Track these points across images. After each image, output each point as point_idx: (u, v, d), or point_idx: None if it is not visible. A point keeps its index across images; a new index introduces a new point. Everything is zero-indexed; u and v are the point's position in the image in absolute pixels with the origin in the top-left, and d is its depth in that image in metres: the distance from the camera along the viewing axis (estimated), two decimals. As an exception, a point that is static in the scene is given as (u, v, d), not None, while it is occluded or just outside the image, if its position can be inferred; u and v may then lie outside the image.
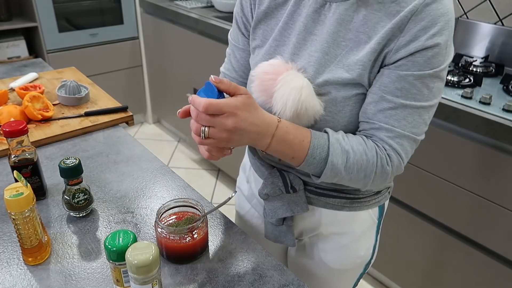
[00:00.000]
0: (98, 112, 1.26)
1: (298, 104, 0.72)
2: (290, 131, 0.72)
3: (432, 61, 0.68)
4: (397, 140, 0.73)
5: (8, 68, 1.65)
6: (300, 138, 0.72)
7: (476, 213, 1.40)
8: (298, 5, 0.78)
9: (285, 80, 0.74)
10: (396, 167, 0.75)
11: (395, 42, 0.69)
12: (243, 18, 0.87)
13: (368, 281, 1.94)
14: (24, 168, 0.87)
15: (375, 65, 0.72)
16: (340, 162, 0.72)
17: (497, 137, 1.25)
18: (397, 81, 0.70)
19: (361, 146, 0.73)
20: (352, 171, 0.73)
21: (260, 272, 0.75)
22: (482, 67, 1.60)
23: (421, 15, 0.66)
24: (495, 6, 1.67)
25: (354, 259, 0.95)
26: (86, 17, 2.72)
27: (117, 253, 0.62)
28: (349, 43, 0.73)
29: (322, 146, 0.72)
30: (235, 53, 0.92)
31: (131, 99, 3.10)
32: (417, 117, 0.72)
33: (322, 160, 0.72)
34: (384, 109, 0.72)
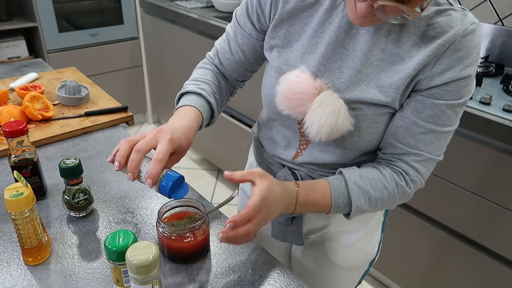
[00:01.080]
0: (98, 112, 1.26)
1: (334, 128, 0.73)
2: (309, 192, 0.75)
3: (464, 91, 0.71)
4: (424, 164, 0.76)
5: (8, 68, 1.65)
6: (320, 194, 0.76)
7: (476, 213, 1.40)
8: (330, 13, 0.75)
9: (322, 101, 0.73)
10: (418, 187, 0.79)
11: (429, 69, 0.69)
12: (258, 9, 0.83)
13: (368, 281, 1.94)
14: (24, 168, 0.87)
15: (407, 89, 0.73)
16: (364, 203, 0.76)
17: (497, 137, 1.25)
18: (431, 109, 0.72)
19: (380, 182, 0.76)
20: (376, 206, 0.78)
21: (261, 272, 0.75)
22: (482, 67, 1.60)
23: (458, 46, 0.68)
24: (495, 6, 1.67)
25: (361, 257, 0.96)
26: (86, 17, 2.72)
27: (117, 253, 0.62)
28: (382, 64, 0.72)
29: (342, 194, 0.76)
30: (236, 35, 0.89)
31: (131, 99, 3.10)
32: (443, 141, 0.76)
33: (347, 205, 0.77)
34: (415, 133, 0.74)
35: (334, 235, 0.93)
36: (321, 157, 0.84)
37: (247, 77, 0.97)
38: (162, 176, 0.69)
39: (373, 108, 0.74)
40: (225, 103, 0.97)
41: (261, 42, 0.87)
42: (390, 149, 0.78)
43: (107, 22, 2.80)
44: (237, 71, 0.93)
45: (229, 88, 0.97)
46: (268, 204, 0.68)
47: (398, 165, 0.77)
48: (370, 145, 0.79)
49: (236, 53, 0.90)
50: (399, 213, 1.62)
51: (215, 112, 0.88)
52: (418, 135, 0.74)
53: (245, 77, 0.97)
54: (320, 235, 0.95)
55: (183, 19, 2.41)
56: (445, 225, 1.50)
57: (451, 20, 0.68)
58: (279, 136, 0.89)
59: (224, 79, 0.96)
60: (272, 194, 0.69)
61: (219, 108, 0.92)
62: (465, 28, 0.67)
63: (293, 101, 0.76)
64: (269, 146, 0.93)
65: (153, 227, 0.85)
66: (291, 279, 0.74)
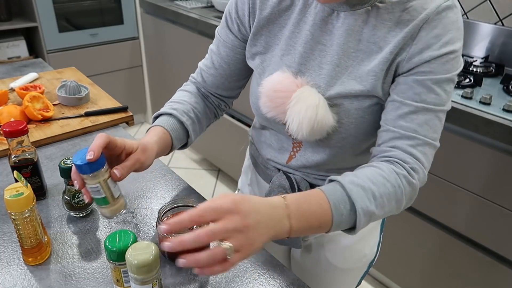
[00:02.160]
0: (98, 112, 1.26)
1: (315, 123, 0.72)
2: (302, 201, 0.63)
3: (448, 67, 0.68)
4: (420, 149, 0.69)
5: (8, 68, 1.65)
6: (316, 202, 0.64)
7: (476, 213, 1.40)
8: (304, 13, 0.76)
9: (300, 97, 0.73)
10: (421, 179, 0.71)
11: (407, 51, 0.69)
12: (237, 20, 0.84)
13: (368, 281, 1.94)
14: (24, 168, 0.87)
15: (387, 75, 0.71)
16: (369, 204, 0.65)
17: (497, 137, 1.25)
18: (415, 86, 0.69)
19: (379, 176, 0.67)
20: (383, 204, 0.66)
21: (261, 272, 0.75)
22: (482, 67, 1.60)
23: (433, 23, 0.67)
24: (495, 6, 1.67)
25: (360, 258, 0.96)
26: (86, 17, 2.72)
27: (117, 253, 0.62)
28: (360, 54, 0.72)
29: (342, 199, 0.65)
30: (219, 49, 0.89)
31: (131, 99, 3.10)
32: (437, 121, 0.70)
33: (350, 211, 0.64)
34: (405, 113, 0.70)
35: (332, 237, 0.93)
36: (313, 158, 0.83)
37: (233, 93, 0.96)
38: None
39: (356, 102, 0.73)
40: (205, 124, 0.95)
41: (244, 51, 0.87)
42: (383, 137, 0.72)
43: (107, 22, 2.80)
44: (222, 86, 0.92)
45: (212, 108, 0.95)
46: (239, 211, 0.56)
47: (393, 154, 0.70)
48: (358, 140, 0.78)
49: (220, 67, 0.90)
50: (400, 214, 1.61)
51: (190, 131, 0.87)
52: (408, 114, 0.69)
53: (231, 93, 0.95)
54: (318, 237, 0.95)
55: (183, 19, 2.41)
56: (445, 225, 1.50)
57: (425, 2, 0.67)
58: (272, 140, 0.89)
59: (205, 99, 0.94)
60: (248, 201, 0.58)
61: (197, 127, 0.90)
62: (438, 5, 0.66)
63: (275, 100, 0.76)
64: (264, 150, 0.93)
65: (153, 227, 0.85)
66: (292, 279, 0.74)
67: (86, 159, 0.65)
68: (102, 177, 0.68)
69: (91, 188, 0.68)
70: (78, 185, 0.69)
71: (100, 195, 0.69)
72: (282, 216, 0.60)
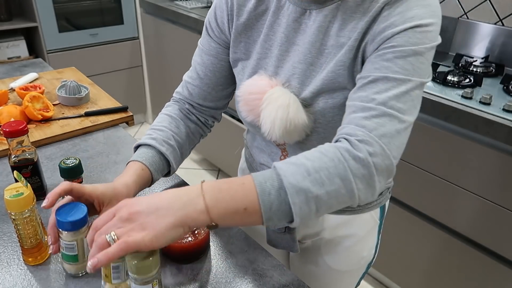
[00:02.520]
0: (98, 112, 1.26)
1: (287, 122, 0.70)
2: (220, 181, 0.58)
3: (414, 40, 0.62)
4: (376, 120, 0.60)
5: (8, 68, 1.65)
6: (238, 182, 0.58)
7: (476, 214, 1.40)
8: (277, 15, 0.76)
9: (271, 98, 0.72)
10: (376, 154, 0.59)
11: (370, 33, 0.66)
12: (217, 29, 0.84)
13: (368, 281, 1.94)
14: (24, 168, 0.87)
15: (356, 62, 0.69)
16: (300, 179, 0.56)
17: (497, 137, 1.25)
18: (376, 61, 0.63)
19: (315, 151, 0.60)
20: (322, 181, 0.57)
21: (261, 272, 0.75)
22: (482, 67, 1.60)
23: (395, 4, 0.64)
24: (495, 6, 1.67)
25: (358, 260, 0.95)
26: (86, 17, 2.72)
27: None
28: (333, 50, 0.71)
29: (269, 176, 0.57)
30: (203, 58, 0.88)
31: (131, 99, 3.10)
32: (403, 91, 0.61)
33: (280, 190, 0.56)
34: (363, 84, 0.63)
35: (329, 240, 0.92)
36: None
37: (221, 104, 0.93)
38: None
39: (330, 100, 0.72)
40: (189, 148, 0.92)
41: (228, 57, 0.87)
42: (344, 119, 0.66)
43: (107, 22, 2.80)
44: (209, 97, 0.90)
45: (196, 128, 0.92)
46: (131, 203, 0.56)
47: (342, 132, 0.63)
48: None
49: (205, 76, 0.88)
50: (400, 214, 1.62)
51: (171, 159, 0.84)
52: (367, 84, 0.63)
53: (219, 104, 0.93)
54: (315, 240, 0.94)
55: (183, 19, 2.41)
56: (445, 225, 1.50)
57: None
58: (263, 145, 0.89)
59: (188, 120, 0.91)
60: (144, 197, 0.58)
61: (177, 153, 0.86)
62: None
63: (250, 102, 0.75)
64: (257, 154, 0.92)
65: (153, 227, 0.85)
66: (292, 279, 0.74)
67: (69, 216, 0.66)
68: (80, 235, 0.68)
69: (66, 244, 0.68)
70: (52, 239, 0.68)
71: (72, 252, 0.69)
72: (194, 195, 0.57)
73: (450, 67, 1.63)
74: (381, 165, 0.59)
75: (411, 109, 0.62)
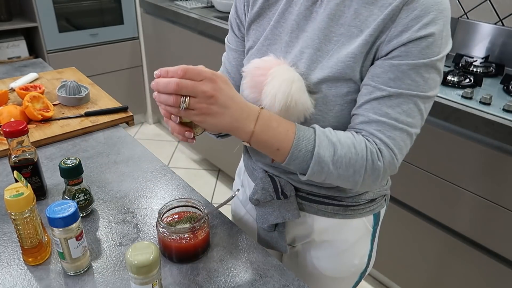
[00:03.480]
0: (98, 112, 1.26)
1: (288, 97, 0.70)
2: (273, 118, 0.68)
3: (427, 51, 0.66)
4: (389, 134, 0.69)
5: (8, 68, 1.65)
6: (285, 127, 0.68)
7: (476, 214, 1.40)
8: (290, 3, 0.78)
9: (276, 73, 0.72)
10: (388, 163, 0.70)
11: (387, 34, 0.67)
12: (237, 20, 0.87)
13: (368, 281, 1.94)
14: (24, 168, 0.87)
15: (367, 58, 0.70)
16: (328, 155, 0.67)
17: (497, 137, 1.25)
18: (390, 71, 0.67)
19: (349, 139, 0.69)
20: (340, 165, 0.68)
21: (260, 272, 0.75)
22: (482, 67, 1.60)
23: (413, 4, 0.65)
24: (495, 6, 1.67)
25: (348, 268, 0.93)
26: (86, 17, 2.72)
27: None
28: (341, 38, 0.72)
29: (308, 138, 0.68)
30: (229, 55, 0.92)
31: (131, 99, 3.10)
32: (413, 105, 0.68)
33: (309, 152, 0.68)
34: (377, 97, 0.68)
35: (318, 244, 0.91)
36: None
37: None
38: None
39: (334, 89, 0.72)
40: None
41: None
42: (354, 120, 0.72)
43: (107, 22, 2.80)
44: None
45: None
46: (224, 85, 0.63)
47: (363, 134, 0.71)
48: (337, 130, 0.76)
49: (232, 71, 0.91)
50: (399, 213, 1.62)
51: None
52: (380, 98, 0.68)
53: None
54: (305, 244, 0.93)
55: (183, 19, 2.41)
56: (445, 225, 1.50)
57: None
58: None
59: None
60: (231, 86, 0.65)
61: None
62: None
63: (254, 78, 0.75)
64: (252, 150, 0.92)
65: (153, 227, 0.85)
66: (292, 279, 0.74)
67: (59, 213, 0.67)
68: (65, 235, 0.69)
69: (54, 239, 0.70)
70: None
71: (59, 248, 0.71)
72: (251, 117, 0.66)
73: (450, 67, 1.64)
74: (387, 172, 0.71)
75: (419, 121, 0.70)
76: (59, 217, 0.67)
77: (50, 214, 0.67)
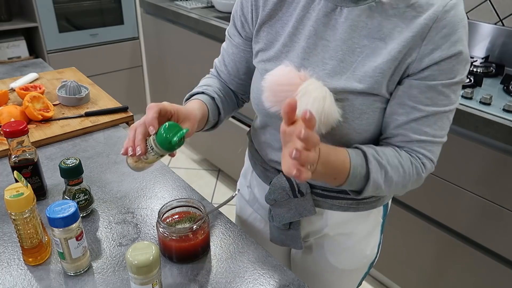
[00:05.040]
0: (98, 112, 1.26)
1: (322, 115, 0.71)
2: (331, 152, 0.71)
3: (458, 68, 0.69)
4: (429, 148, 0.75)
5: (8, 68, 1.65)
6: (341, 158, 0.72)
7: (476, 214, 1.40)
8: (308, 9, 0.76)
9: (306, 89, 0.72)
10: (429, 172, 0.77)
11: (417, 51, 0.69)
12: (242, 18, 0.86)
13: (368, 281, 1.94)
14: (24, 168, 0.87)
15: (395, 73, 0.71)
16: (380, 177, 0.73)
17: (497, 138, 1.25)
18: (427, 91, 0.71)
19: (396, 159, 0.74)
20: (391, 184, 0.75)
21: (261, 272, 0.75)
22: (483, 67, 1.60)
23: (442, 23, 0.66)
24: (496, 6, 1.67)
25: (361, 259, 0.95)
26: (86, 17, 2.72)
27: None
28: (365, 50, 0.72)
29: (361, 164, 0.72)
30: (229, 48, 0.92)
31: (132, 99, 3.10)
32: (446, 120, 0.74)
33: (363, 178, 0.73)
34: (416, 118, 0.73)
35: (332, 237, 0.93)
36: None
37: (246, 89, 0.96)
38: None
39: (360, 98, 0.73)
40: (232, 108, 0.98)
41: (249, 50, 0.88)
42: (396, 138, 0.76)
43: (107, 22, 2.80)
44: (233, 83, 0.95)
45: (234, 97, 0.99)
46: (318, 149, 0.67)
47: (406, 150, 0.77)
48: (362, 137, 0.78)
49: (229, 64, 0.92)
50: (400, 214, 1.62)
51: (221, 108, 0.91)
52: (420, 119, 0.73)
53: (244, 88, 0.97)
54: (318, 238, 0.94)
55: (183, 19, 2.41)
56: (445, 225, 1.50)
57: None
58: (272, 139, 0.89)
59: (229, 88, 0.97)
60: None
61: (226, 107, 0.93)
62: (446, 3, 0.66)
63: (279, 94, 0.75)
64: (264, 150, 0.92)
65: (153, 227, 0.85)
66: (292, 279, 0.74)
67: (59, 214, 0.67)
68: (65, 235, 0.69)
69: (54, 239, 0.70)
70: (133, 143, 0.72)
71: (59, 249, 0.71)
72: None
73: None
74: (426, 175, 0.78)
75: (447, 129, 0.76)
76: (59, 217, 0.67)
77: (50, 214, 0.67)
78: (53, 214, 0.67)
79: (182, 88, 2.64)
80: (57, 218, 0.67)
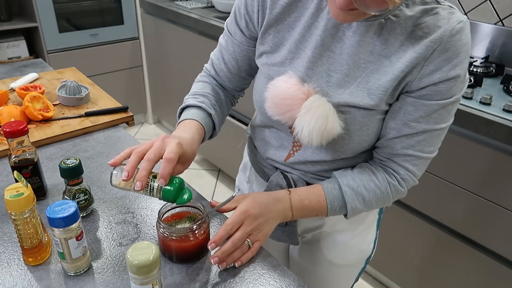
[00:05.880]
0: (98, 112, 1.26)
1: (324, 132, 0.72)
2: (303, 197, 0.79)
3: (454, 90, 0.70)
4: (414, 162, 0.77)
5: (8, 68, 1.65)
6: (315, 199, 0.79)
7: (475, 213, 1.40)
8: (316, 17, 0.75)
9: (311, 106, 0.73)
10: (410, 185, 0.81)
11: (418, 71, 0.69)
12: (246, 16, 0.83)
13: (368, 281, 1.94)
14: (24, 169, 0.87)
15: (395, 91, 0.72)
16: (358, 204, 0.79)
17: (497, 138, 1.25)
18: (422, 110, 0.72)
19: (372, 183, 0.79)
20: (371, 205, 0.80)
21: (261, 272, 0.75)
22: (483, 68, 1.60)
23: (446, 46, 0.67)
24: (496, 6, 1.67)
25: (357, 254, 0.96)
26: (87, 17, 2.72)
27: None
28: (370, 66, 0.72)
29: (337, 197, 0.79)
30: (228, 45, 0.90)
31: (132, 99, 3.10)
32: (436, 138, 0.75)
33: (343, 208, 0.80)
34: (406, 135, 0.74)
35: (329, 233, 0.94)
36: (312, 158, 0.84)
37: (245, 85, 0.97)
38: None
39: (362, 111, 0.74)
40: (226, 114, 0.97)
41: (252, 48, 0.87)
42: (383, 149, 0.79)
43: (108, 22, 2.80)
44: (233, 81, 0.94)
45: (229, 98, 0.98)
46: (252, 215, 0.74)
47: (389, 165, 0.79)
48: (361, 147, 0.79)
49: (229, 62, 0.91)
50: (398, 212, 1.62)
51: (216, 124, 0.90)
52: (410, 136, 0.74)
53: (243, 85, 0.96)
54: (315, 234, 0.95)
55: (183, 19, 2.42)
56: (444, 225, 1.50)
57: (438, 19, 0.67)
58: (272, 137, 0.89)
59: (222, 90, 0.96)
60: (254, 206, 0.75)
61: (220, 120, 0.93)
62: (452, 27, 0.67)
63: (281, 107, 0.76)
64: (262, 147, 0.93)
65: (153, 227, 0.85)
66: (292, 279, 0.74)
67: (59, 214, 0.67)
68: (65, 235, 0.69)
69: (54, 239, 0.70)
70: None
71: (59, 249, 0.71)
72: (286, 208, 0.79)
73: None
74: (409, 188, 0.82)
75: (438, 145, 0.77)
76: (59, 217, 0.67)
77: (50, 214, 0.67)
78: (53, 214, 0.67)
79: (182, 88, 2.64)
80: (57, 218, 0.67)
